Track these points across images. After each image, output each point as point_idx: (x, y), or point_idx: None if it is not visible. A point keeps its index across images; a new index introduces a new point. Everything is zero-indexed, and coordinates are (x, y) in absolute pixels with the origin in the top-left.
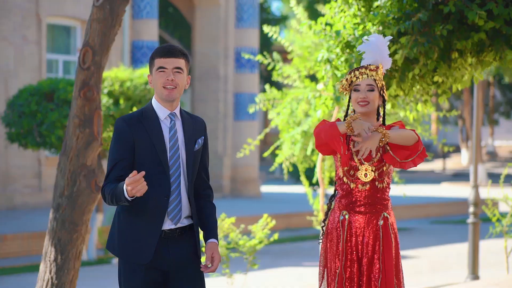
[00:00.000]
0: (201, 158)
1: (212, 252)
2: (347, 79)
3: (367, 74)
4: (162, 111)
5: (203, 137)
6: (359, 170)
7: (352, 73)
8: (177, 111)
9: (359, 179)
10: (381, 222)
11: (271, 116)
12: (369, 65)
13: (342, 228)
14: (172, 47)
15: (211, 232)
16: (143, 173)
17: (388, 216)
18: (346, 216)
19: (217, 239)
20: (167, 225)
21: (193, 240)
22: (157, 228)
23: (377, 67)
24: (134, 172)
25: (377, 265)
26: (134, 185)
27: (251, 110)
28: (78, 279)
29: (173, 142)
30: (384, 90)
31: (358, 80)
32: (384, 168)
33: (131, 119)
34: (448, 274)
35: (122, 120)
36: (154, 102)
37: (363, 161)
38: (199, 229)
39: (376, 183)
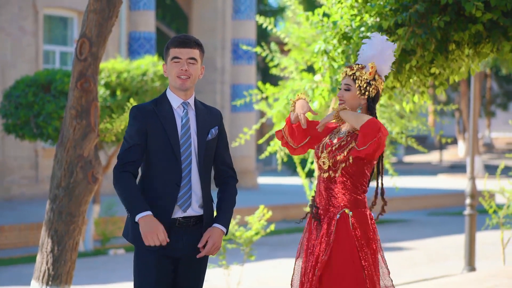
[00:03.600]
0: (219, 151)
1: (208, 236)
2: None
3: (346, 73)
4: (175, 100)
5: (217, 127)
6: (320, 157)
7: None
8: (191, 101)
9: (321, 167)
10: (337, 216)
11: (258, 107)
12: (356, 64)
13: (309, 221)
14: (187, 37)
15: (218, 217)
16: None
17: (349, 213)
18: (312, 209)
19: (224, 225)
20: (179, 213)
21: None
22: (168, 215)
23: (363, 67)
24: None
25: (313, 262)
26: (154, 236)
27: (238, 103)
28: (75, 270)
29: (184, 130)
30: (368, 90)
31: (341, 78)
32: (338, 158)
33: (145, 107)
34: (444, 266)
35: (136, 108)
36: (168, 91)
37: (323, 149)
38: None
39: (330, 172)
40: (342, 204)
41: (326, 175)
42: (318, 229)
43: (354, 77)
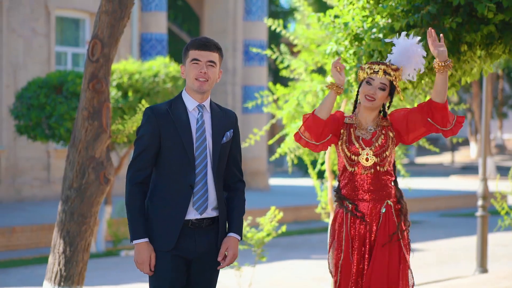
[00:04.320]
0: (231, 152)
1: (227, 247)
2: (365, 68)
3: (386, 73)
4: (191, 102)
5: (232, 130)
6: (360, 154)
7: (374, 65)
8: (206, 104)
9: (360, 164)
10: (383, 210)
11: (267, 110)
12: (392, 64)
13: (346, 218)
14: (207, 40)
15: (232, 226)
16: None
17: (391, 204)
18: (350, 205)
19: (238, 233)
20: (193, 214)
21: (218, 231)
22: (180, 217)
23: (398, 69)
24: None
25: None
26: (141, 267)
27: (250, 105)
28: (87, 271)
29: (199, 133)
30: (398, 91)
31: (374, 74)
32: (385, 153)
33: (159, 108)
34: (456, 267)
35: (150, 110)
36: (184, 93)
37: (363, 146)
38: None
39: (378, 168)
40: (390, 194)
41: (372, 171)
42: (362, 224)
43: (391, 78)
